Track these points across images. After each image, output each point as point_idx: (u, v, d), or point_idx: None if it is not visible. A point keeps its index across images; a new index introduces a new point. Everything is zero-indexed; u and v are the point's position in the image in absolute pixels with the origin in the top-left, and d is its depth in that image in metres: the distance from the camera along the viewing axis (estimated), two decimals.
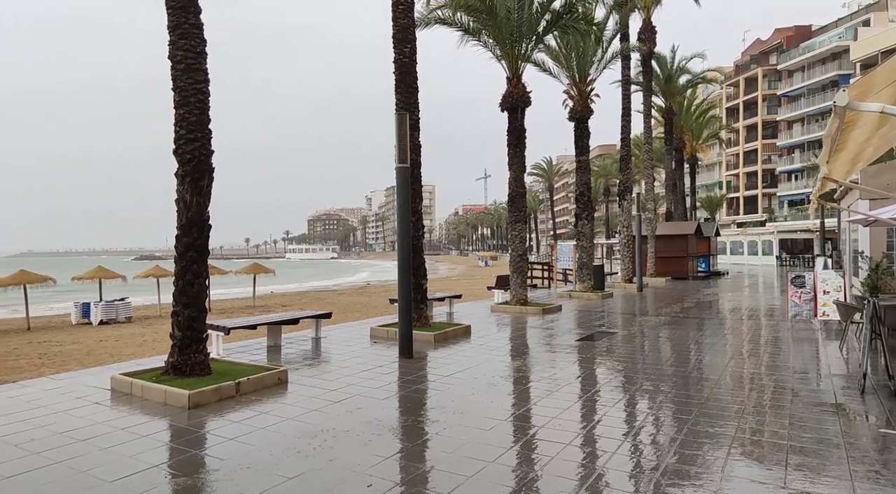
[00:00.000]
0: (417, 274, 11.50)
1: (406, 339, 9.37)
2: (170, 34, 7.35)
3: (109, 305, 23.34)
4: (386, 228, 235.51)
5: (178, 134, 7.39)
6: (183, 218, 7.50)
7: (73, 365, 12.52)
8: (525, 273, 16.76)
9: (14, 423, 5.86)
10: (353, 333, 11.97)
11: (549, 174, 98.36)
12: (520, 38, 15.19)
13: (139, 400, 6.81)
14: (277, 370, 7.67)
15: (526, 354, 9.78)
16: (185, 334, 7.41)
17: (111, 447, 5.15)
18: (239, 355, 9.40)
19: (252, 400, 6.76)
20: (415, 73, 11.80)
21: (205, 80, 7.45)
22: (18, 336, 19.60)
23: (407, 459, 4.90)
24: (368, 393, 7.07)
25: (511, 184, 16.09)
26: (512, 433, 5.60)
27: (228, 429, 5.68)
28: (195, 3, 7.38)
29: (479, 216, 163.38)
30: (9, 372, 12.27)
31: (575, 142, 20.83)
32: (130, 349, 15.56)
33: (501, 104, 15.83)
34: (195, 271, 7.56)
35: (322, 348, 10.30)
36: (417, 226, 11.60)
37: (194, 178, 7.43)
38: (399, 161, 9.48)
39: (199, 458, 4.96)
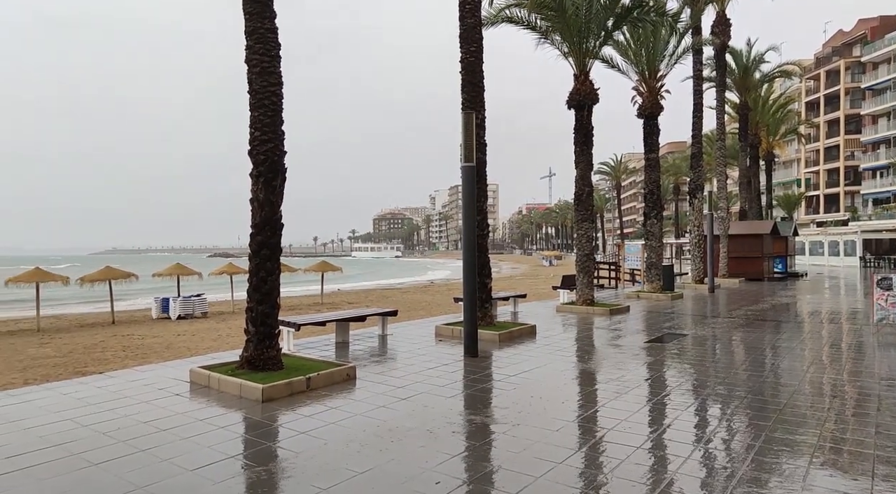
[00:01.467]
0: (482, 273, 11.50)
1: (471, 338, 9.39)
2: (246, 39, 7.60)
3: (187, 301, 24.32)
4: (449, 227, 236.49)
5: (253, 135, 7.63)
6: (257, 217, 7.73)
7: (154, 358, 13.12)
8: (591, 273, 16.50)
9: (103, 412, 6.19)
10: (418, 331, 12.07)
11: (616, 172, 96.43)
12: (587, 35, 14.94)
13: (216, 392, 7.08)
14: (346, 366, 7.82)
15: (593, 355, 9.64)
16: (258, 329, 7.64)
17: (191, 437, 5.38)
18: (309, 351, 9.62)
19: (322, 395, 6.91)
20: (481, 71, 11.79)
21: (278, 83, 7.66)
22: (104, 329, 20.69)
23: (474, 458, 4.91)
24: (435, 390, 7.12)
25: (578, 182, 15.86)
26: (580, 434, 5.53)
27: (300, 423, 5.83)
28: (270, 8, 7.60)
29: (543, 215, 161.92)
30: (96, 364, 12.98)
31: (644, 140, 20.36)
32: (206, 343, 16.17)
33: (568, 102, 15.63)
34: (268, 268, 7.78)
35: (388, 345, 10.44)
36: (482, 224, 11.59)
37: (268, 178, 7.65)
38: (465, 160, 9.49)
39: (273, 450, 5.12)
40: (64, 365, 13.01)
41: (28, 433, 5.49)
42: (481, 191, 11.40)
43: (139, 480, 4.36)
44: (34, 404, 6.54)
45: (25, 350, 15.75)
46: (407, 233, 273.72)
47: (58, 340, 17.75)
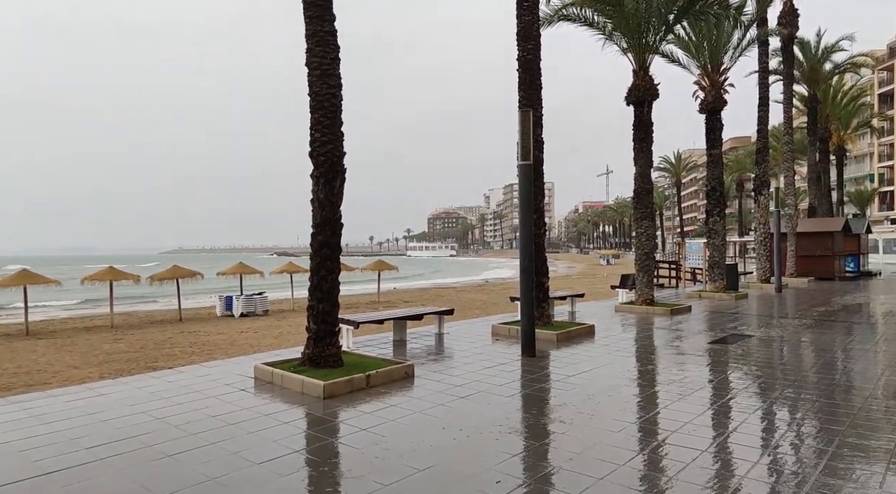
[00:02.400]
0: (539, 272, 11.42)
1: (528, 337, 9.34)
2: (307, 42, 7.76)
3: (249, 299, 25.02)
4: (504, 226, 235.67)
5: (314, 137, 7.79)
6: (318, 217, 7.89)
7: (219, 354, 13.55)
8: (652, 272, 16.18)
9: (174, 406, 6.45)
10: (475, 330, 12.08)
11: (676, 169, 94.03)
12: (647, 30, 14.66)
13: (279, 388, 7.26)
14: (404, 364, 7.90)
15: (653, 356, 9.45)
16: (319, 327, 7.80)
17: (257, 431, 5.54)
18: (367, 348, 9.76)
19: (381, 392, 7.00)
20: (538, 69, 11.72)
21: (338, 85, 7.80)
22: (172, 326, 21.51)
23: (533, 457, 4.89)
24: (493, 390, 7.11)
25: (637, 179, 15.58)
26: (642, 436, 5.43)
27: (361, 420, 5.92)
28: (330, 12, 7.75)
29: (599, 213, 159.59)
30: (166, 359, 13.51)
31: (706, 135, 19.83)
32: (268, 340, 16.60)
33: (627, 98, 15.36)
34: (328, 267, 7.93)
35: (445, 344, 10.49)
36: (539, 223, 11.52)
37: (328, 179, 7.80)
38: (521, 158, 9.45)
39: (335, 446, 5.22)
40: (136, 360, 13.59)
41: (106, 425, 5.77)
42: (538, 190, 11.33)
43: (210, 472, 4.53)
44: (110, 397, 6.86)
45: (101, 345, 16.53)
46: (461, 232, 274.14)
47: (130, 336, 18.55)
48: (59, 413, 6.18)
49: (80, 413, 6.17)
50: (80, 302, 34.06)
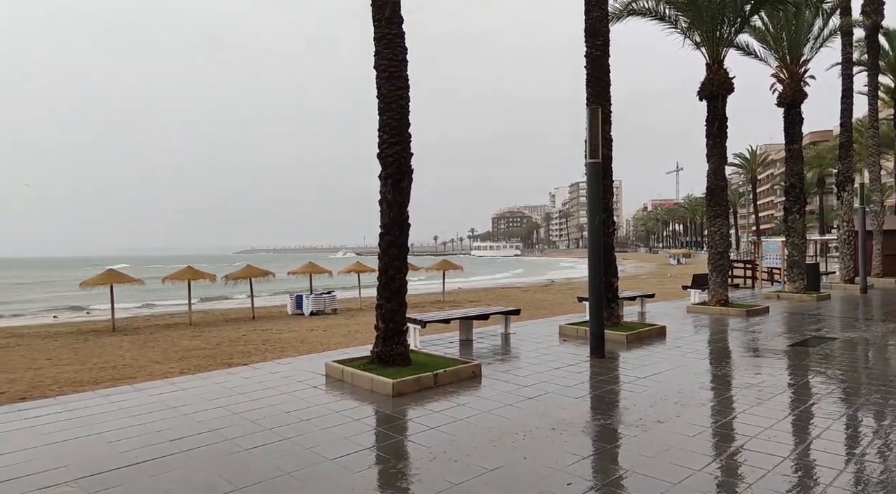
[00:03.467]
0: (608, 272, 11.22)
1: (597, 338, 9.19)
2: (375, 45, 7.88)
3: (318, 298, 25.61)
4: (570, 225, 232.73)
5: (382, 139, 7.90)
6: (385, 217, 8.01)
7: (291, 352, 13.93)
8: (726, 271, 15.63)
9: (250, 401, 6.68)
10: (542, 330, 11.98)
11: (751, 165, 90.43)
12: (721, 22, 14.18)
13: (349, 385, 7.41)
14: (471, 363, 7.91)
15: (729, 359, 9.13)
16: (387, 326, 7.91)
17: (329, 428, 5.67)
18: (434, 347, 9.83)
19: (449, 391, 7.04)
20: (607, 66, 11.52)
21: (405, 87, 7.89)
22: (246, 324, 22.26)
23: (605, 460, 4.81)
24: (561, 391, 7.04)
25: (710, 176, 15.09)
26: (718, 441, 5.26)
27: (429, 418, 5.97)
28: (398, 14, 7.84)
29: (669, 211, 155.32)
30: (241, 356, 14.00)
31: (785, 130, 19.01)
32: (337, 338, 16.95)
33: (700, 92, 14.90)
34: (396, 267, 8.03)
35: (512, 344, 10.45)
36: (608, 222, 11.33)
37: (395, 180, 7.90)
38: (590, 156, 9.31)
39: (405, 444, 5.29)
40: (213, 357, 14.13)
41: (188, 418, 6.03)
42: (607, 188, 11.14)
43: (286, 466, 4.67)
44: (191, 392, 7.17)
45: (180, 342, 17.28)
46: (526, 231, 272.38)
47: (206, 333, 19.31)
48: (145, 406, 6.50)
49: (164, 407, 6.48)
50: (149, 302, 35.67)
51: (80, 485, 4.35)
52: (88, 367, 13.03)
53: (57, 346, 16.90)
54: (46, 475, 4.56)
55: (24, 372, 12.62)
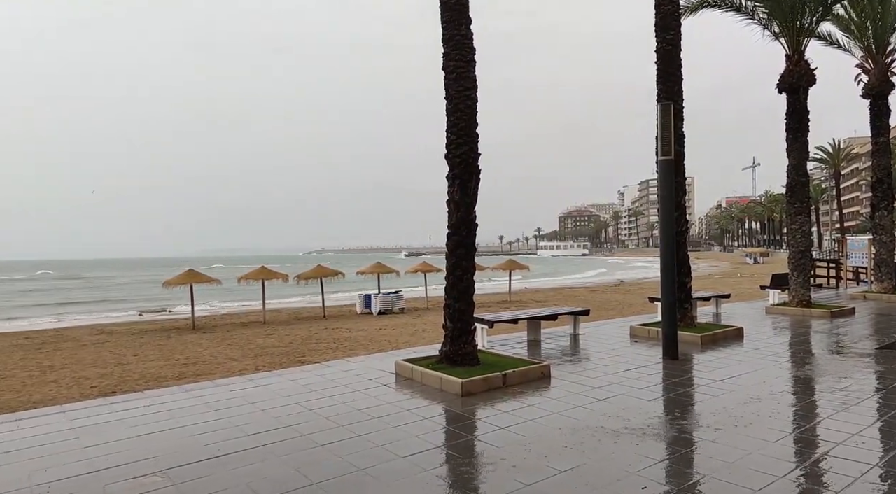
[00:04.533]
0: (681, 272, 10.91)
1: (670, 340, 8.96)
2: (444, 46, 7.93)
3: (386, 297, 25.98)
4: (639, 224, 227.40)
5: (449, 139, 7.95)
6: (453, 217, 8.05)
7: (361, 350, 14.19)
8: (808, 271, 14.93)
9: (324, 398, 6.85)
10: (612, 331, 11.77)
11: (834, 160, 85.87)
12: (802, 11, 13.56)
13: (418, 384, 7.49)
14: (540, 364, 7.86)
15: (811, 362, 8.71)
16: (455, 326, 7.95)
17: (400, 426, 5.75)
18: (502, 348, 9.81)
19: (518, 391, 7.02)
20: (678, 61, 11.20)
21: (473, 87, 7.91)
22: (317, 322, 22.82)
23: (680, 464, 4.69)
24: (633, 393, 6.90)
25: (790, 171, 14.45)
26: (801, 447, 5.04)
27: (498, 418, 5.97)
28: (466, 16, 7.87)
29: (745, 208, 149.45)
30: (313, 354, 14.36)
31: (871, 122, 18.02)
32: (404, 337, 17.15)
33: (779, 85, 14.29)
34: (464, 267, 8.06)
35: (581, 345, 10.32)
36: (681, 221, 11.01)
37: (463, 181, 7.93)
38: (662, 153, 9.08)
39: (475, 443, 5.30)
40: (286, 354, 14.56)
41: (265, 414, 6.25)
42: (679, 186, 10.83)
43: (359, 463, 4.77)
44: (268, 388, 7.41)
45: (255, 340, 17.88)
46: (594, 230, 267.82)
47: (280, 332, 19.90)
48: (225, 401, 6.77)
49: (243, 402, 6.73)
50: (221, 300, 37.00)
51: (168, 476, 4.57)
52: (171, 363, 13.66)
53: (142, 343, 17.80)
54: (137, 465, 4.81)
55: (113, 367, 13.35)
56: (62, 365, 13.85)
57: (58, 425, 6.00)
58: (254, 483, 4.39)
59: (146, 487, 4.37)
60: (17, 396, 10.27)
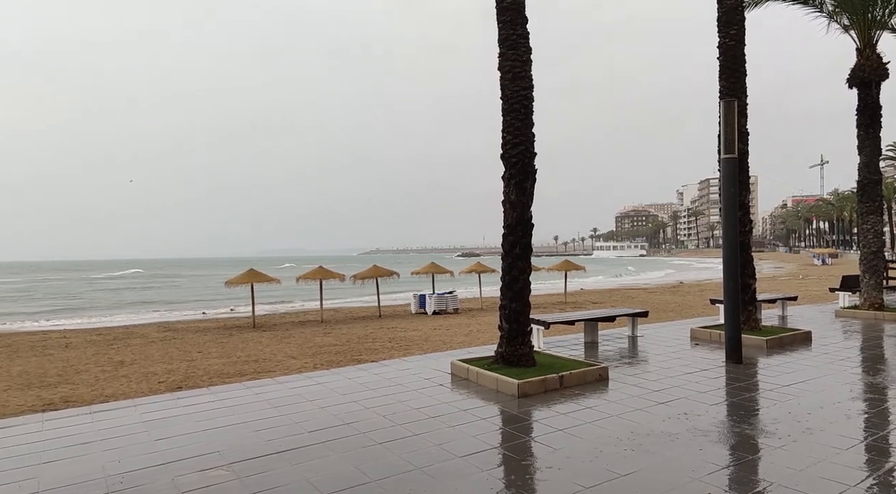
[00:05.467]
0: (745, 273, 10.57)
1: (734, 343, 8.69)
2: (499, 47, 7.92)
3: (441, 297, 26.08)
4: (699, 224, 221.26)
5: (505, 139, 7.93)
6: (509, 217, 8.02)
7: (416, 350, 14.30)
8: (881, 272, 14.24)
9: (381, 397, 6.93)
10: (671, 333, 11.51)
11: None
12: (874, 3, 12.95)
13: (474, 384, 7.50)
14: (598, 366, 7.75)
15: (885, 368, 8.31)
16: (511, 326, 7.92)
17: (457, 426, 5.77)
18: (558, 349, 9.73)
19: (575, 393, 6.94)
20: (742, 56, 10.84)
21: (529, 87, 7.87)
22: (372, 322, 23.11)
23: (745, 471, 4.54)
24: (694, 396, 6.73)
25: (862, 169, 13.82)
26: (874, 456, 4.81)
27: (556, 420, 5.92)
28: (523, 15, 7.84)
29: (812, 207, 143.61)
30: (369, 353, 14.54)
31: None
32: (459, 338, 17.18)
33: (850, 79, 13.69)
34: (520, 268, 8.01)
35: (639, 347, 10.12)
36: (744, 220, 10.67)
37: (519, 181, 7.89)
38: (725, 151, 8.83)
39: (532, 445, 5.27)
40: (343, 353, 14.79)
41: (324, 411, 6.36)
42: (742, 185, 10.49)
43: (417, 461, 4.81)
44: (326, 386, 7.55)
45: (313, 338, 18.24)
46: (652, 230, 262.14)
47: (337, 330, 20.24)
48: (285, 398, 6.94)
49: (302, 400, 6.87)
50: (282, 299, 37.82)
51: (232, 470, 4.71)
52: (233, 360, 14.07)
53: (206, 340, 18.40)
54: (203, 459, 4.98)
55: (179, 363, 13.84)
56: (132, 360, 14.45)
57: (129, 418, 6.27)
58: (314, 479, 4.48)
59: (212, 480, 4.51)
60: (91, 390, 10.77)
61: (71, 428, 5.95)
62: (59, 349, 17.05)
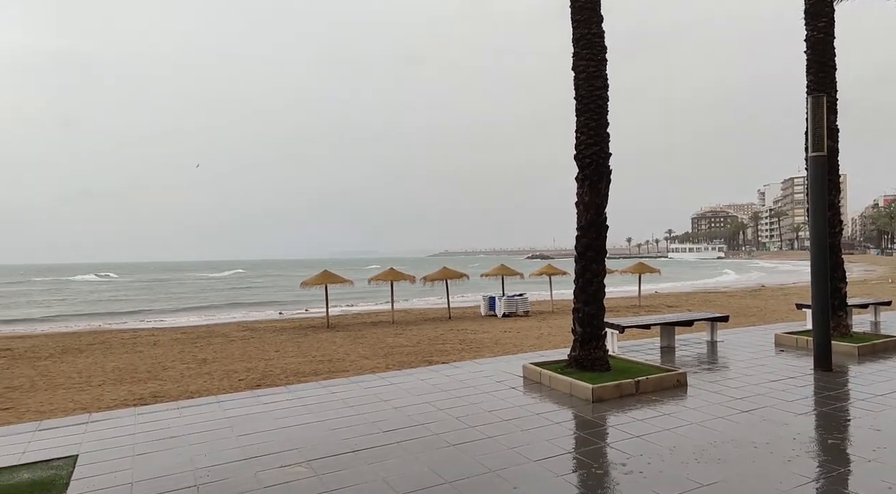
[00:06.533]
0: (834, 277, 10.02)
1: (823, 349, 8.26)
2: (574, 46, 7.82)
3: (510, 299, 25.92)
4: (783, 225, 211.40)
5: (579, 140, 7.81)
6: (582, 219, 7.90)
7: (486, 352, 14.25)
8: None
9: (453, 399, 6.97)
10: (753, 339, 11.05)
11: None
12: None
13: (546, 388, 7.42)
14: (676, 371, 7.53)
15: None
16: (585, 330, 7.80)
17: (530, 429, 5.73)
18: (633, 353, 9.51)
19: (652, 399, 6.76)
20: (831, 49, 10.29)
21: (604, 86, 7.73)
22: (443, 323, 23.22)
23: (837, 484, 4.30)
24: (780, 405, 6.43)
25: None
26: None
27: (632, 426, 5.78)
28: (598, 13, 7.72)
29: None
30: (440, 354, 14.61)
31: None
32: (530, 341, 17.01)
33: None
34: (594, 270, 7.89)
35: (719, 352, 9.77)
36: (834, 222, 10.13)
37: (593, 181, 7.76)
38: (813, 149, 8.40)
39: (608, 451, 5.17)
40: (415, 354, 14.91)
41: (398, 412, 6.45)
42: (833, 184, 9.97)
43: (491, 464, 4.80)
44: (399, 386, 7.65)
45: (385, 339, 18.48)
46: (731, 232, 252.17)
47: (408, 331, 20.44)
48: (360, 398, 7.07)
49: (376, 399, 6.99)
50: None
51: (311, 467, 4.84)
52: (309, 360, 14.43)
53: (283, 340, 18.95)
54: (282, 455, 5.14)
55: (257, 361, 14.32)
56: (214, 358, 15.05)
57: (213, 414, 6.54)
58: (390, 479, 4.54)
59: (292, 477, 4.65)
60: (178, 385, 11.27)
61: (160, 422, 6.26)
62: (148, 346, 17.95)
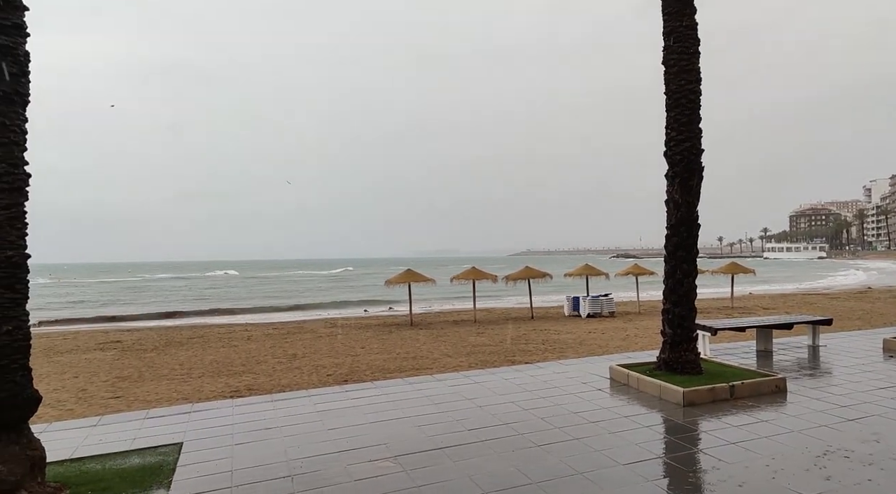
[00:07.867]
0: None
1: None
2: (665, 40, 7.59)
3: (595, 300, 25.42)
4: (891, 223, 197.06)
5: (669, 136, 7.57)
6: (672, 218, 7.65)
7: (570, 353, 14.02)
8: None
9: (537, 399, 6.91)
10: (858, 343, 10.37)
11: None
12: None
13: (634, 390, 7.23)
14: (774, 377, 7.16)
15: None
16: (675, 332, 7.55)
17: (618, 432, 5.60)
18: (727, 357, 9.12)
19: (748, 405, 6.46)
20: None
21: (696, 80, 7.46)
22: (525, 323, 23.06)
23: None
24: (891, 414, 6.00)
25: None
26: None
27: (727, 433, 5.55)
28: (691, 5, 7.45)
29: None
30: (523, 354, 14.52)
31: None
32: (615, 342, 16.62)
33: None
34: (684, 270, 7.62)
35: (821, 357, 9.22)
36: None
37: (683, 179, 7.50)
38: None
39: (701, 457, 4.98)
40: (497, 353, 14.88)
41: (482, 410, 6.46)
42: None
43: (578, 466, 4.73)
44: (483, 385, 7.66)
45: (467, 338, 18.55)
46: (833, 230, 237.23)
47: (490, 331, 20.43)
48: (444, 396, 7.13)
49: (460, 397, 7.03)
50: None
51: (398, 462, 4.93)
52: (393, 356, 14.68)
53: (368, 336, 19.38)
54: (371, 449, 5.26)
55: (344, 357, 14.70)
56: (303, 353, 15.57)
57: (305, 408, 6.77)
58: (476, 477, 4.55)
59: (381, 471, 4.74)
60: (270, 379, 11.74)
61: (256, 414, 6.55)
62: (242, 341, 18.80)
